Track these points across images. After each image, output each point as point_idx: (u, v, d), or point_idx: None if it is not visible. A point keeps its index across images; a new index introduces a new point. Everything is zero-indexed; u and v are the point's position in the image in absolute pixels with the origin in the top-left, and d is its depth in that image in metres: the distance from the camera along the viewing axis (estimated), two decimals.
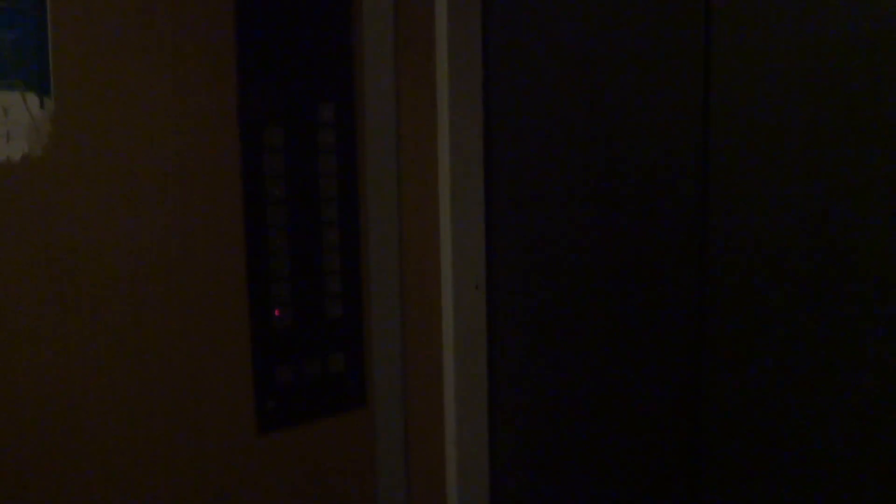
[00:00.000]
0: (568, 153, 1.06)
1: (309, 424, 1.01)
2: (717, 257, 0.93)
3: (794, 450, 0.88)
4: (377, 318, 1.06)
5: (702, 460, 0.97)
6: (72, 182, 0.82)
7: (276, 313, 0.97)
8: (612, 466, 1.07)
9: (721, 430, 0.94)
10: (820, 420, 0.86)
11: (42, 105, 0.79)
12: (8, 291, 0.79)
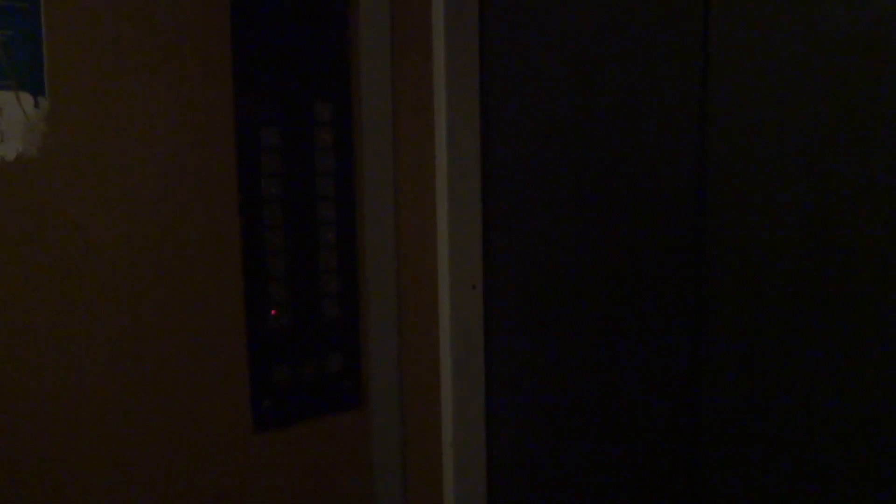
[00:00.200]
0: (565, 153, 1.06)
1: (305, 424, 1.01)
2: (715, 257, 0.92)
3: (793, 450, 0.88)
4: (374, 318, 1.06)
5: (700, 463, 0.97)
6: (66, 182, 0.82)
7: (273, 313, 0.97)
8: (609, 468, 1.07)
9: (719, 432, 0.94)
10: (819, 421, 0.85)
11: (37, 105, 0.79)
12: (2, 292, 0.79)
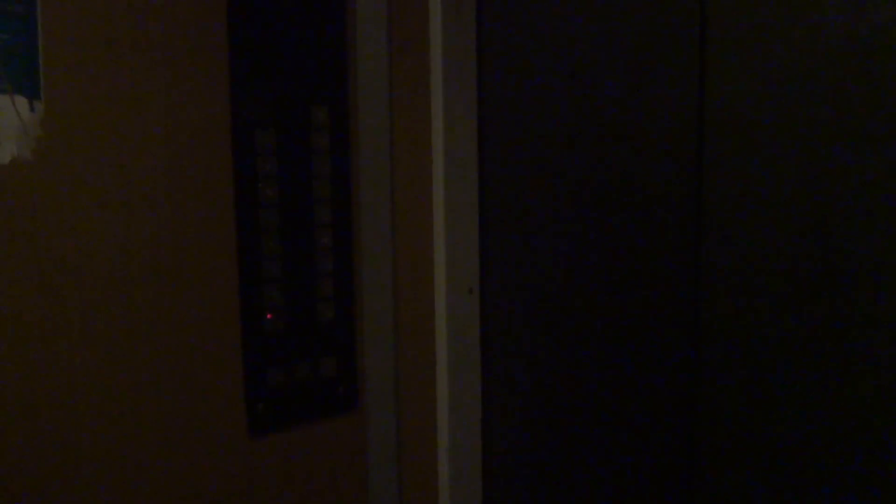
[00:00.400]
0: (563, 157, 1.06)
1: (300, 428, 1.01)
2: (713, 261, 0.92)
3: (793, 454, 0.88)
4: (370, 322, 1.06)
5: (698, 470, 0.97)
6: (62, 186, 0.82)
7: (269, 316, 0.97)
8: (607, 475, 1.06)
9: (718, 437, 0.94)
10: (819, 424, 0.85)
11: (32, 108, 0.79)
12: None
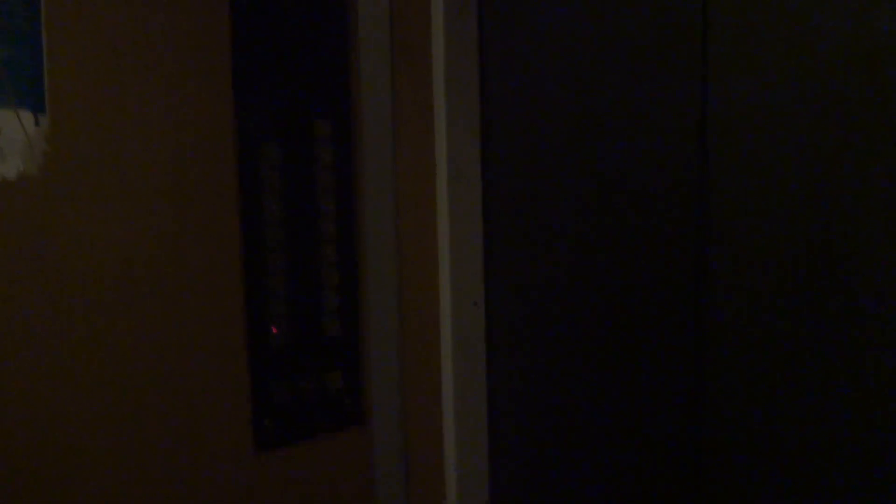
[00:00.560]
0: (566, 169, 1.06)
1: (307, 442, 1.00)
2: (717, 268, 0.92)
3: (796, 456, 0.87)
4: (375, 335, 1.05)
5: (703, 476, 0.96)
6: (67, 200, 0.81)
7: (274, 331, 0.96)
8: (614, 485, 1.05)
9: (722, 440, 0.94)
10: (823, 427, 0.85)
11: (37, 123, 0.79)
12: (3, 309, 0.79)
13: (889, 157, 0.79)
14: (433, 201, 1.10)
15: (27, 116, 0.78)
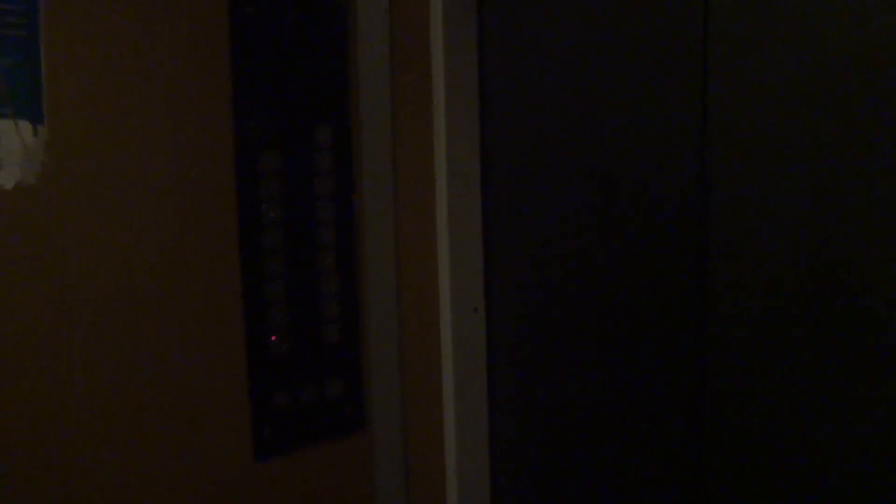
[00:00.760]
0: (567, 174, 1.06)
1: (307, 450, 1.00)
2: (718, 271, 0.92)
3: (798, 457, 0.88)
4: (375, 343, 1.05)
5: (705, 483, 0.96)
6: (65, 210, 0.81)
7: (273, 338, 0.96)
8: (616, 492, 1.06)
9: (724, 445, 0.94)
10: (825, 428, 0.85)
11: (35, 133, 0.79)
12: (2, 319, 0.79)
13: (890, 158, 0.79)
14: (432, 206, 1.10)
15: (25, 127, 0.78)
